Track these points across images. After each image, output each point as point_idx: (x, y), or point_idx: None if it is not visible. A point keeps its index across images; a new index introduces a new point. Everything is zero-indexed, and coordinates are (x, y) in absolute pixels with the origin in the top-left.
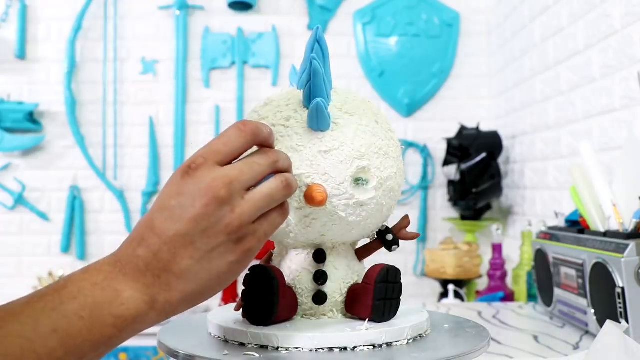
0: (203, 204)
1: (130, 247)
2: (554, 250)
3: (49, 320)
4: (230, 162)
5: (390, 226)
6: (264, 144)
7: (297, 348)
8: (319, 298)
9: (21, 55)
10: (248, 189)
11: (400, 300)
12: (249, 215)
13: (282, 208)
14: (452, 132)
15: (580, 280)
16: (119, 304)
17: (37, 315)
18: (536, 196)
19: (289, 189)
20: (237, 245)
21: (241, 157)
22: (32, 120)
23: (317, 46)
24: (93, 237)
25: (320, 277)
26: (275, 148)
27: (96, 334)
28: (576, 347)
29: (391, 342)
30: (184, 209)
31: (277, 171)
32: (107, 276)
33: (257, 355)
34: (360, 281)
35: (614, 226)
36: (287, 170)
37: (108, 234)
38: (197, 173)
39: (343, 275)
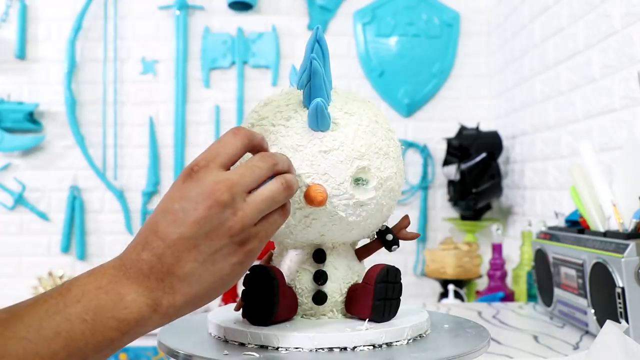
0: (206, 207)
1: (134, 251)
2: (554, 250)
3: (52, 323)
4: (230, 165)
5: (390, 226)
6: (258, 148)
7: (297, 348)
8: (319, 298)
9: (21, 55)
10: (249, 192)
11: (400, 300)
12: (251, 218)
13: (283, 209)
14: (452, 132)
15: (580, 280)
16: (122, 307)
17: (41, 317)
18: (536, 196)
19: (289, 190)
20: (240, 247)
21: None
22: (32, 120)
23: (317, 46)
24: (93, 237)
25: (320, 277)
26: (276, 148)
27: (99, 336)
28: (576, 347)
29: (391, 342)
30: (187, 212)
31: (277, 173)
32: (111, 280)
33: (257, 355)
34: (360, 281)
35: (614, 226)
36: (287, 171)
37: (108, 234)
38: (199, 176)
39: (343, 275)
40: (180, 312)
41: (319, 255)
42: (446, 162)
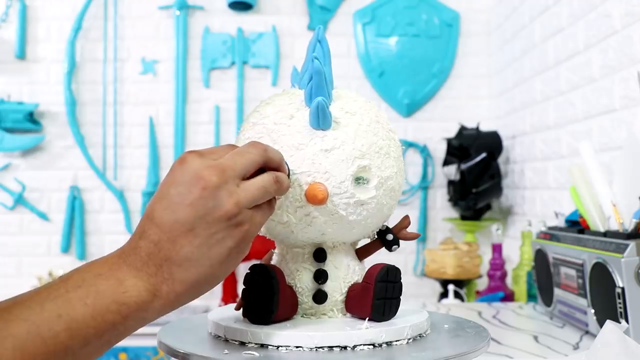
0: (199, 189)
1: (133, 240)
2: (554, 250)
3: (54, 306)
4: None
5: (390, 226)
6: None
7: (297, 347)
8: (319, 297)
9: (21, 55)
10: (243, 179)
11: (400, 299)
12: (246, 203)
13: (270, 202)
14: (452, 132)
15: (580, 280)
16: (122, 291)
17: (43, 301)
18: (536, 196)
19: (279, 184)
20: (236, 230)
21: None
22: (32, 120)
23: (319, 46)
24: (93, 237)
25: (320, 276)
26: (277, 147)
27: (99, 319)
28: (576, 347)
29: (391, 342)
30: (181, 196)
31: (268, 160)
32: (111, 267)
33: (257, 354)
34: (360, 280)
35: (614, 226)
36: (278, 159)
37: (108, 234)
38: (192, 158)
39: (343, 274)
40: (181, 298)
41: (320, 254)
42: (446, 162)
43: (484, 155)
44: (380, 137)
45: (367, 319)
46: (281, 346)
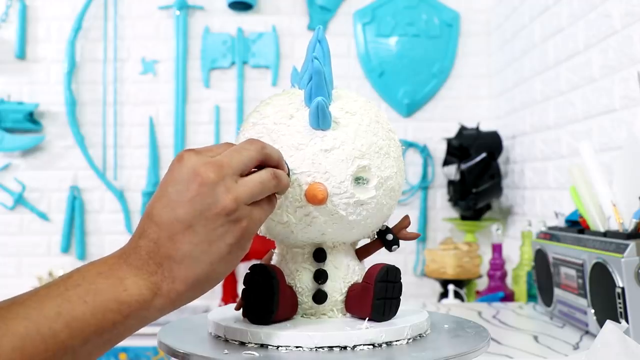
0: (197, 186)
1: (133, 240)
2: (554, 250)
3: (53, 305)
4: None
5: (390, 226)
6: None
7: (297, 347)
8: (319, 297)
9: (21, 55)
10: (241, 176)
11: (400, 299)
12: (244, 199)
13: (270, 198)
14: (452, 132)
15: (580, 280)
16: (122, 290)
17: (42, 300)
18: (536, 196)
19: (277, 179)
20: (235, 226)
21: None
22: (32, 120)
23: (319, 46)
24: (93, 237)
25: (320, 276)
26: (277, 146)
27: (99, 317)
28: (576, 347)
29: (391, 342)
30: (179, 194)
31: (266, 156)
32: (111, 267)
33: (257, 354)
34: (360, 280)
35: (614, 226)
36: (276, 156)
37: (108, 234)
38: (189, 156)
39: (343, 274)
40: (183, 296)
41: (319, 254)
42: (446, 162)
43: (484, 155)
44: (380, 137)
45: (367, 319)
46: (281, 346)
